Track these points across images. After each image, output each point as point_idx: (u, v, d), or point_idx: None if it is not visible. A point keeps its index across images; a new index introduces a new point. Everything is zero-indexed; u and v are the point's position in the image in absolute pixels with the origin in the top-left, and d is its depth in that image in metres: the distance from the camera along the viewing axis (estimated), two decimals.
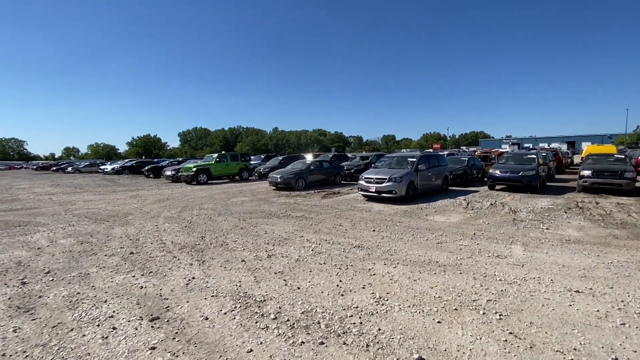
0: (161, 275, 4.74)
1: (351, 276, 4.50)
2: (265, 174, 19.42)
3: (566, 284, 4.06)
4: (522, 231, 6.83)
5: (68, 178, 29.59)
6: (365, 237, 6.55)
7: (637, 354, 2.61)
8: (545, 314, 3.33)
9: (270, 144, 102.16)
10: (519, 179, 12.45)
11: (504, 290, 3.92)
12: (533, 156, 14.16)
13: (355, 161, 21.06)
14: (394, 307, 3.55)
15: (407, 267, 4.83)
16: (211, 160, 20.71)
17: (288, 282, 4.31)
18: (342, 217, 8.68)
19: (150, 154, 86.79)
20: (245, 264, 5.12)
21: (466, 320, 3.25)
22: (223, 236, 6.91)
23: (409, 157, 12.64)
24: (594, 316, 3.24)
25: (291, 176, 14.95)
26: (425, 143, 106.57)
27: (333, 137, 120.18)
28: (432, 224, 7.72)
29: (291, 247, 5.94)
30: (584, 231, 6.72)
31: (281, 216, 8.96)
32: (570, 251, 5.42)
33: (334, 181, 16.98)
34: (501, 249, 5.63)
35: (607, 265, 4.65)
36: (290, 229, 7.44)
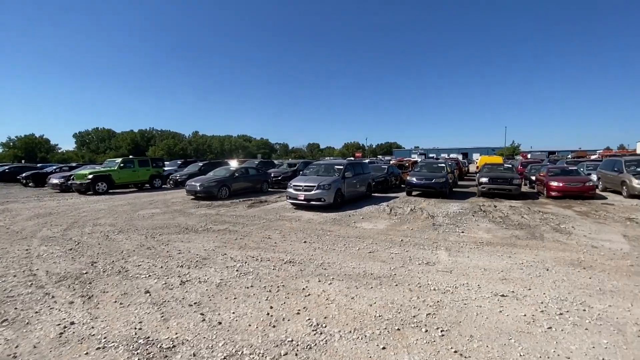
0: (21, 323, 3.45)
1: (283, 300, 3.94)
2: (183, 181, 17.48)
3: (492, 289, 4.21)
4: (443, 235, 7.21)
5: None
6: (297, 250, 6.07)
7: None
8: (482, 324, 3.31)
9: (190, 149, 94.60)
10: (432, 186, 13.60)
11: (440, 301, 3.86)
12: (442, 165, 15.74)
13: (282, 168, 20.55)
14: (333, 335, 3.12)
15: (343, 282, 4.49)
16: (113, 165, 17.74)
17: (206, 317, 3.53)
18: (271, 228, 8.05)
19: (34, 158, 71.61)
20: (150, 296, 4.12)
21: (410, 341, 3.00)
22: (122, 260, 5.63)
23: (336, 164, 12.70)
24: (523, 321, 3.33)
25: (213, 184, 13.66)
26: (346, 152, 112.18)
27: (259, 144, 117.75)
28: (362, 231, 7.67)
29: (211, 269, 5.08)
30: (492, 233, 7.42)
31: (200, 230, 7.87)
32: (486, 253, 5.81)
33: (261, 189, 16.16)
34: (429, 255, 5.76)
35: (519, 266, 5.05)
36: (210, 245, 6.50)
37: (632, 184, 12.43)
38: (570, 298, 3.86)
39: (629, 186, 12.61)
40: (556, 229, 7.61)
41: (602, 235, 6.95)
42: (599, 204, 11.29)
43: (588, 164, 18.30)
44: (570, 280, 4.46)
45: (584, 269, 4.88)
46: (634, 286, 4.19)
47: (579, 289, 4.13)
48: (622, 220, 8.47)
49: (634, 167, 13.12)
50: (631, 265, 5.00)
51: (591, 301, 3.76)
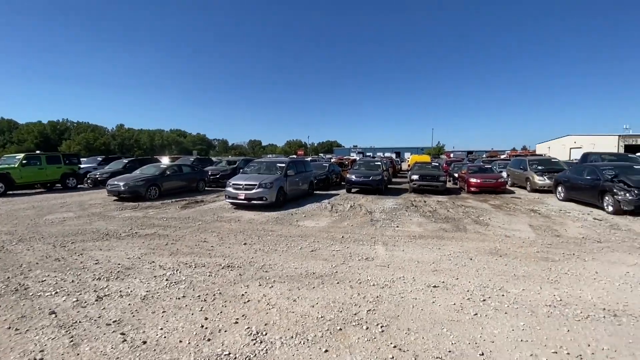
0: None
1: (220, 309, 3.65)
2: (104, 180, 15.54)
3: (425, 280, 4.47)
4: (380, 230, 7.52)
5: None
6: (236, 253, 5.74)
7: (495, 344, 2.92)
8: (418, 317, 3.46)
9: (113, 144, 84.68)
10: (369, 183, 14.22)
11: (379, 297, 3.96)
12: (378, 163, 16.57)
13: (221, 166, 19.53)
14: (274, 343, 2.96)
15: (284, 284, 4.36)
16: (13, 162, 14.95)
17: (128, 336, 3.09)
18: (207, 230, 7.52)
19: None
20: (56, 317, 3.47)
21: (352, 341, 3.00)
22: (21, 275, 4.70)
23: (278, 162, 12.47)
24: (453, 310, 3.58)
25: (140, 183, 12.33)
26: (289, 149, 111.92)
27: (195, 139, 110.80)
28: (304, 230, 7.62)
29: (136, 280, 4.52)
30: (423, 226, 7.97)
31: (123, 236, 7.01)
32: (419, 246, 6.20)
33: (197, 188, 15.12)
34: (368, 250, 5.93)
35: (448, 257, 5.48)
36: (135, 253, 5.80)
37: (534, 180, 14.59)
38: (491, 285, 4.28)
39: (531, 182, 14.76)
40: (476, 221, 8.48)
41: (513, 226, 7.94)
42: (509, 198, 12.96)
43: (500, 163, 20.95)
44: (490, 268, 4.97)
45: (501, 257, 5.49)
46: (541, 270, 4.83)
47: (497, 276, 4.61)
48: (527, 212, 9.81)
49: (535, 165, 15.39)
50: (538, 252, 5.78)
51: (508, 286, 4.22)
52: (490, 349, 2.83)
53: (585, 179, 10.87)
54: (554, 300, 3.82)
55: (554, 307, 3.63)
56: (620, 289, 4.17)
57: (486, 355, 2.75)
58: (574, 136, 48.30)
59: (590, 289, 4.15)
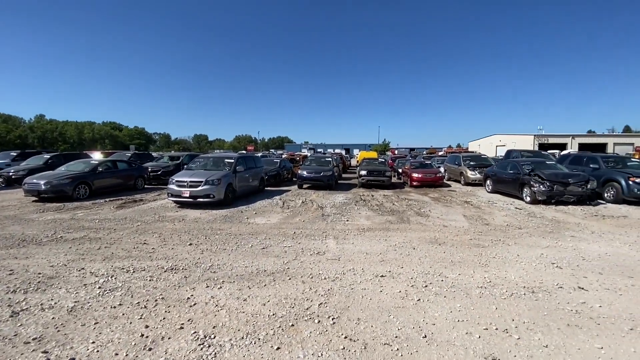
0: None
1: (163, 315, 3.41)
2: (19, 179, 13.50)
3: (373, 271, 4.66)
4: (331, 225, 7.66)
5: None
6: (180, 255, 5.40)
7: (437, 325, 3.16)
8: (367, 306, 3.60)
9: (32, 137, 74.08)
10: (320, 179, 14.41)
11: (331, 289, 4.03)
12: (329, 159, 16.85)
13: (162, 162, 18.15)
14: (223, 346, 2.85)
15: (234, 284, 4.21)
16: None
17: (52, 354, 2.72)
18: (148, 231, 6.96)
19: None
20: None
21: (304, 336, 3.01)
22: None
23: (226, 157, 11.98)
24: (399, 297, 3.79)
25: (66, 181, 10.95)
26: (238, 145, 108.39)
27: (132, 133, 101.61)
28: (255, 227, 7.45)
29: (61, 290, 4.01)
30: (371, 220, 8.31)
31: (45, 241, 6.17)
32: (367, 239, 6.44)
33: (135, 186, 13.90)
34: (319, 245, 6.00)
35: (394, 248, 5.78)
36: (60, 260, 5.14)
37: (467, 174, 16.07)
38: (432, 271, 4.62)
39: (465, 176, 16.24)
40: (418, 213, 9.08)
41: (450, 216, 8.66)
42: (446, 191, 14.10)
43: (438, 159, 22.67)
44: (430, 256, 5.35)
45: (439, 245, 5.95)
46: (474, 256, 5.34)
47: (437, 263, 4.99)
48: (461, 203, 10.77)
49: (468, 161, 16.95)
50: (470, 239, 6.38)
51: (446, 272, 4.60)
52: (432, 331, 3.06)
53: (508, 173, 12.28)
54: (484, 282, 4.26)
55: (484, 289, 4.04)
56: (537, 268, 4.79)
57: (428, 337, 2.97)
58: (499, 135, 54.39)
59: (513, 270, 4.70)
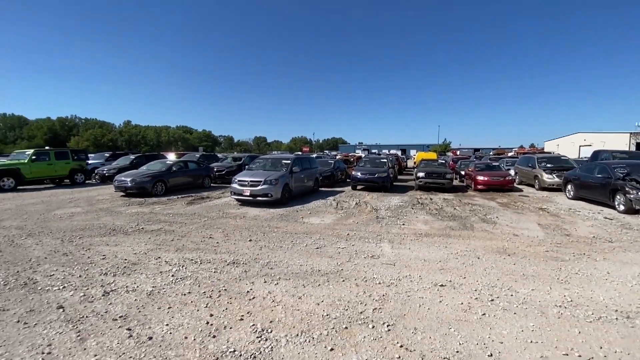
0: None
1: (225, 305, 3.65)
2: (111, 176, 15.66)
3: (431, 279, 4.42)
4: (386, 228, 7.46)
5: None
6: (241, 250, 5.74)
7: (504, 345, 2.87)
8: (424, 316, 3.42)
9: (121, 140, 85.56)
10: (375, 180, 14.13)
11: (385, 295, 3.92)
12: (384, 160, 16.44)
13: (226, 162, 19.56)
14: (280, 341, 2.95)
15: (289, 281, 4.34)
16: (23, 157, 15.14)
17: (134, 332, 3.10)
18: (213, 226, 7.54)
19: None
20: (64, 311, 3.50)
21: (358, 340, 2.97)
22: (30, 270, 4.75)
23: (283, 159, 12.43)
24: (461, 310, 3.53)
25: (147, 179, 12.41)
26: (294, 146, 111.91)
27: (201, 136, 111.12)
28: (309, 227, 7.59)
29: (142, 275, 4.54)
30: (430, 224, 7.90)
31: (130, 231, 7.05)
32: (425, 245, 6.13)
33: (203, 184, 15.18)
34: (373, 248, 5.88)
35: (455, 256, 5.41)
36: (142, 248, 5.84)
37: (542, 178, 14.37)
38: (499, 284, 4.21)
39: (540, 180, 14.54)
40: (483, 220, 8.37)
41: (521, 224, 7.82)
42: (517, 196, 12.78)
43: (507, 160, 20.68)
44: (498, 267, 4.89)
45: (509, 256, 5.40)
46: (550, 270, 4.74)
47: (506, 275, 4.54)
48: (536, 210, 9.67)
49: (544, 163, 15.15)
50: (547, 251, 5.68)
51: (517, 286, 4.15)
52: (499, 350, 2.78)
53: (595, 177, 10.66)
54: (564, 300, 3.75)
55: (564, 308, 3.56)
56: (634, 290, 4.08)
57: (495, 356, 2.70)
58: (583, 134, 47.50)
59: (601, 290, 4.06)
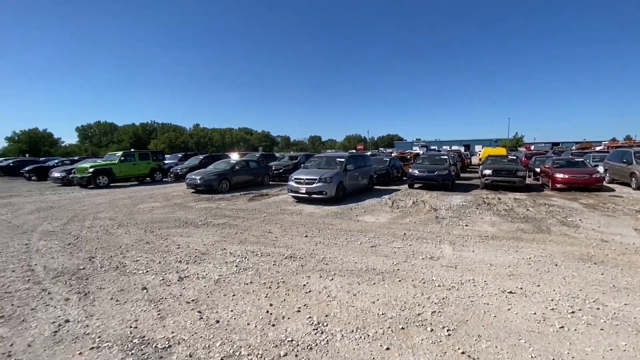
0: (17, 320, 3.35)
1: (283, 297, 3.82)
2: (183, 174, 17.37)
3: (499, 285, 4.07)
4: (446, 229, 7.06)
5: None
6: (298, 245, 5.94)
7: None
8: (490, 323, 3.17)
9: (191, 142, 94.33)
10: (434, 178, 13.41)
11: (445, 298, 3.72)
12: (445, 157, 15.50)
13: (283, 161, 20.35)
14: (335, 335, 2.99)
15: (344, 278, 4.36)
16: (114, 159, 17.62)
17: (204, 314, 3.41)
18: (272, 222, 7.92)
19: (37, 152, 71.66)
20: (147, 292, 4.01)
21: (415, 341, 2.87)
22: (120, 255, 5.52)
23: (337, 157, 12.50)
24: (534, 320, 3.19)
25: (213, 177, 13.52)
26: (348, 144, 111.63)
27: (260, 136, 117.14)
28: (364, 225, 7.53)
29: (210, 265, 4.97)
30: (497, 226, 7.26)
31: (200, 224, 7.76)
32: (492, 248, 5.66)
33: (262, 182, 16.02)
34: (432, 249, 5.61)
35: (527, 261, 4.90)
36: (210, 240, 6.39)
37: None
38: (582, 295, 3.71)
39: (638, 178, 12.37)
40: (563, 222, 7.43)
41: (612, 229, 6.76)
42: (607, 197, 11.07)
43: (594, 155, 18.01)
44: (581, 276, 4.30)
45: (595, 265, 4.72)
46: None
47: (591, 286, 3.98)
48: (632, 214, 8.27)
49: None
50: None
51: (605, 299, 3.61)
52: None
53: None
54: None
55: None
56: None
57: None
58: None
59: None
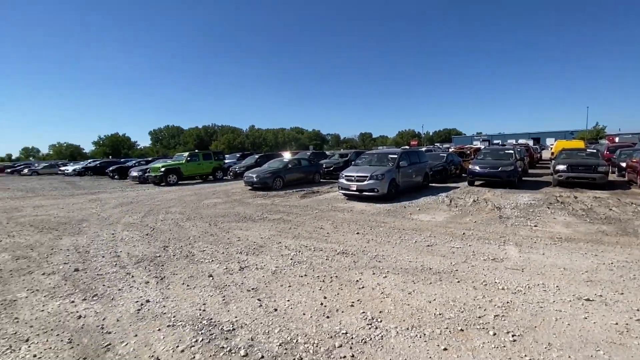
0: (108, 298, 3.92)
1: (337, 291, 3.90)
2: (241, 173, 18.48)
3: (574, 291, 3.67)
4: (512, 229, 6.52)
5: (22, 181, 27.08)
6: (350, 241, 5.99)
7: None
8: (562, 331, 2.89)
9: (247, 143, 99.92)
10: (498, 175, 12.41)
11: (510, 302, 3.46)
12: (510, 152, 14.22)
13: (334, 159, 20.52)
14: (390, 331, 2.98)
15: (398, 276, 4.30)
16: (182, 159, 19.45)
17: (263, 302, 3.64)
18: (323, 218, 8.07)
19: (118, 154, 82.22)
20: (212, 279, 4.39)
21: (476, 345, 2.74)
22: (189, 245, 6.11)
23: (389, 153, 12.23)
24: (615, 331, 2.83)
25: (268, 175, 14.18)
26: (400, 140, 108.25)
27: (310, 135, 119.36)
28: (418, 223, 7.29)
29: (267, 257, 5.26)
30: (572, 227, 6.51)
31: (257, 219, 8.22)
32: (566, 251, 5.10)
33: (313, 180, 16.36)
34: (495, 250, 5.24)
35: (608, 267, 4.33)
36: (266, 234, 6.74)
37: None
38: None
39: None
40: None
41: None
42: None
43: None
44: None
45: None
46: None
47: None
48: None
49: None
50: None
51: None
52: None
53: None
54: None
55: None
56: None
57: None
58: None
59: None
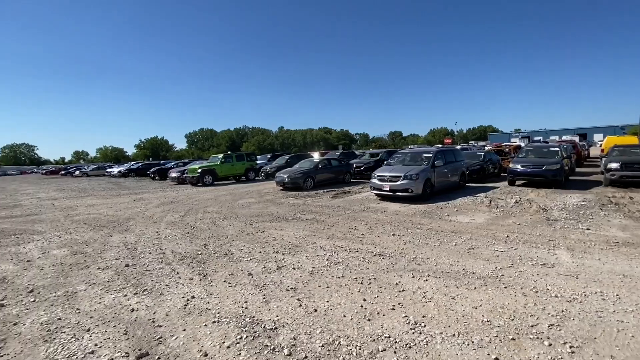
0: (156, 293, 4.14)
1: (376, 293, 3.84)
2: (272, 173, 18.83)
3: (636, 300, 3.35)
4: (561, 232, 6.09)
5: (74, 182, 29.47)
6: (386, 243, 5.88)
7: None
8: (626, 344, 2.64)
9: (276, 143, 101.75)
10: (542, 174, 11.65)
11: (566, 311, 3.22)
12: (556, 149, 13.29)
13: (364, 158, 20.31)
14: (434, 337, 2.88)
15: (439, 280, 4.16)
16: (216, 160, 20.20)
17: (302, 302, 3.67)
18: (356, 219, 8.01)
19: (157, 156, 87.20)
20: (252, 278, 4.49)
21: (530, 355, 2.57)
22: (228, 244, 6.31)
23: (424, 152, 11.88)
24: None
25: (299, 175, 14.32)
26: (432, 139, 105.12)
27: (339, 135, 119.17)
28: (457, 225, 7.02)
29: (303, 256, 5.30)
30: (630, 231, 5.95)
31: (290, 219, 8.32)
32: (624, 256, 4.67)
33: (344, 180, 16.30)
34: (544, 255, 4.91)
35: None
36: (300, 234, 6.80)
37: None
38: None
39: None
40: None
41: None
42: None
43: None
44: None
45: None
46: None
47: None
48: None
49: None
50: None
51: None
52: None
53: None
54: None
55: None
56: None
57: None
58: None
59: None
